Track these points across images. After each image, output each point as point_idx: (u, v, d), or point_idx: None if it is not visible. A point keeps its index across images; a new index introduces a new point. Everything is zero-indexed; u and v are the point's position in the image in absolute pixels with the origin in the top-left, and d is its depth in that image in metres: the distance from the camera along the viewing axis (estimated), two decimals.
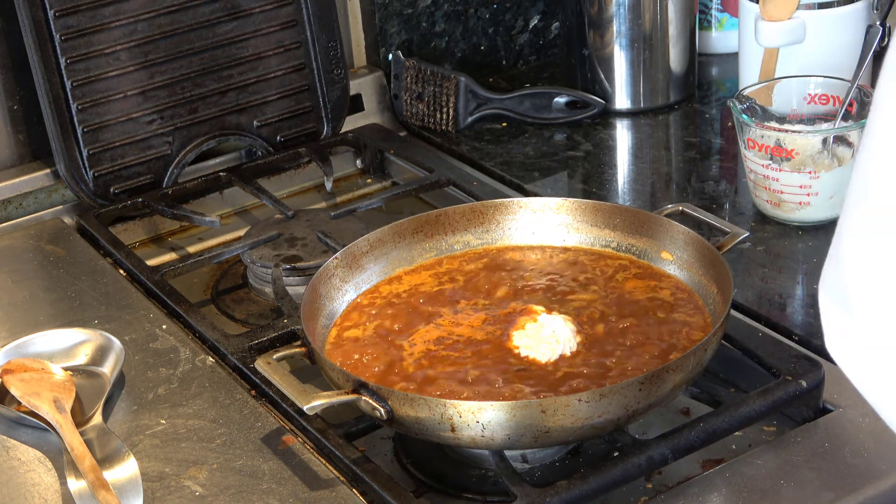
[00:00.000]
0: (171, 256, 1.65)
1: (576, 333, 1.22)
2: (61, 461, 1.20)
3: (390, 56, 1.86)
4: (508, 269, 1.36)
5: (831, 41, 1.69)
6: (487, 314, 1.28)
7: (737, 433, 1.21)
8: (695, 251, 1.31)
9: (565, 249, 1.39)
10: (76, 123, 1.63)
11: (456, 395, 1.16)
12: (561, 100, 1.83)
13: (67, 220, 1.68)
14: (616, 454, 1.14)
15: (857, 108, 1.52)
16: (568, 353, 1.21)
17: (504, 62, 1.98)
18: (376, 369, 1.22)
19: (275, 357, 1.21)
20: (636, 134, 1.80)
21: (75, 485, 1.16)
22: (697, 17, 1.87)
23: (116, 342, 1.33)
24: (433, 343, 1.25)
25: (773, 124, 1.53)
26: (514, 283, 1.33)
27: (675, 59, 1.83)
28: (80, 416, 1.26)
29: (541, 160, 1.73)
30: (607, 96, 1.84)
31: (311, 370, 1.27)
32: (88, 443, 1.20)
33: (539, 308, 1.26)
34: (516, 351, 1.22)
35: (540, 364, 1.20)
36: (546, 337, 1.22)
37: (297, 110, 1.77)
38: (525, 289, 1.32)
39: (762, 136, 1.50)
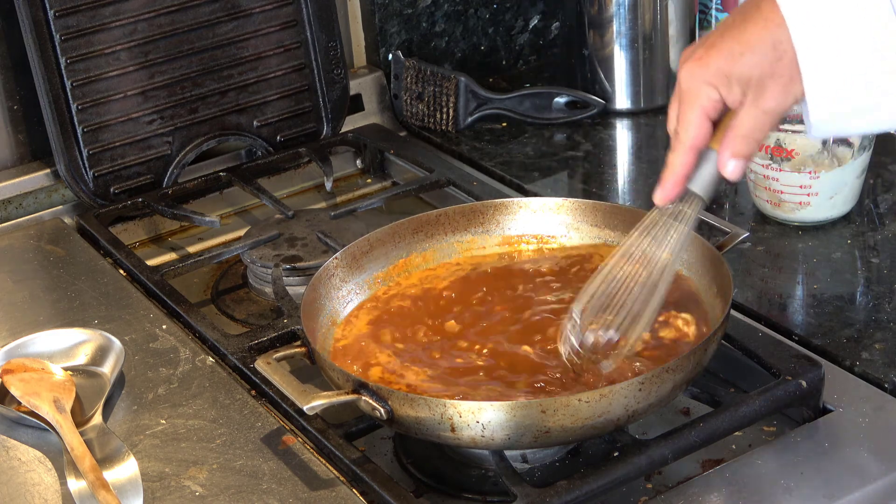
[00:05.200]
0: (171, 256, 1.65)
1: None
2: (61, 461, 1.20)
3: (390, 56, 1.86)
4: (508, 268, 1.36)
5: None
6: (486, 316, 1.28)
7: (737, 433, 1.21)
8: (695, 251, 1.31)
9: (565, 249, 1.38)
10: (76, 123, 1.63)
11: (456, 395, 1.16)
12: (561, 100, 1.83)
13: (67, 220, 1.68)
14: (616, 454, 1.14)
15: None
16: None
17: (504, 62, 1.98)
18: (376, 369, 1.22)
19: (275, 357, 1.20)
20: (636, 134, 1.80)
21: (75, 485, 1.16)
22: (697, 17, 1.87)
23: (116, 342, 1.33)
24: (433, 343, 1.25)
25: None
26: (514, 284, 1.33)
27: (675, 59, 1.83)
28: (80, 416, 1.26)
29: (541, 160, 1.73)
30: (607, 96, 1.84)
31: (311, 370, 1.27)
32: (88, 443, 1.20)
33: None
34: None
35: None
36: None
37: (297, 110, 1.77)
38: (525, 289, 1.32)
39: None
